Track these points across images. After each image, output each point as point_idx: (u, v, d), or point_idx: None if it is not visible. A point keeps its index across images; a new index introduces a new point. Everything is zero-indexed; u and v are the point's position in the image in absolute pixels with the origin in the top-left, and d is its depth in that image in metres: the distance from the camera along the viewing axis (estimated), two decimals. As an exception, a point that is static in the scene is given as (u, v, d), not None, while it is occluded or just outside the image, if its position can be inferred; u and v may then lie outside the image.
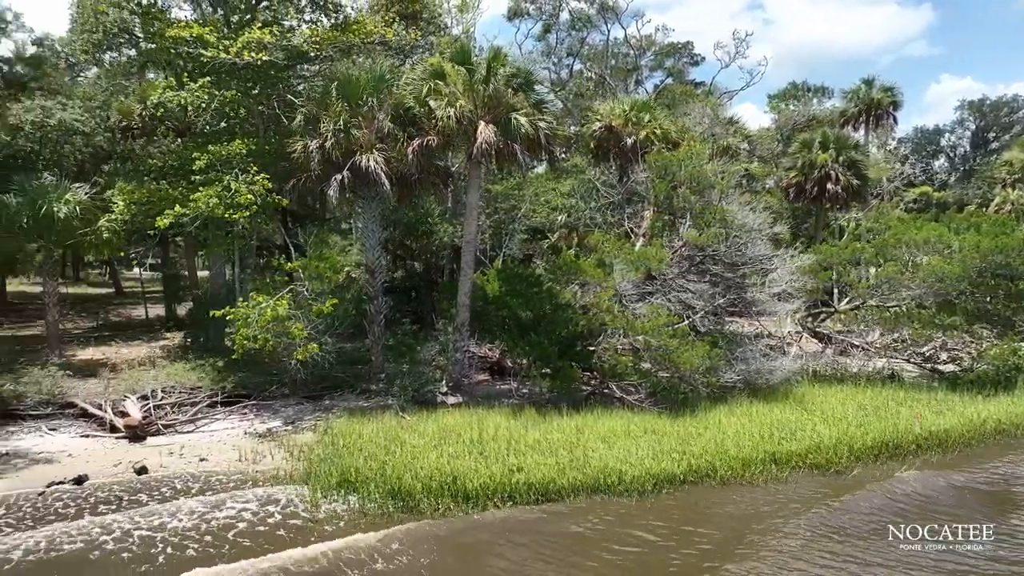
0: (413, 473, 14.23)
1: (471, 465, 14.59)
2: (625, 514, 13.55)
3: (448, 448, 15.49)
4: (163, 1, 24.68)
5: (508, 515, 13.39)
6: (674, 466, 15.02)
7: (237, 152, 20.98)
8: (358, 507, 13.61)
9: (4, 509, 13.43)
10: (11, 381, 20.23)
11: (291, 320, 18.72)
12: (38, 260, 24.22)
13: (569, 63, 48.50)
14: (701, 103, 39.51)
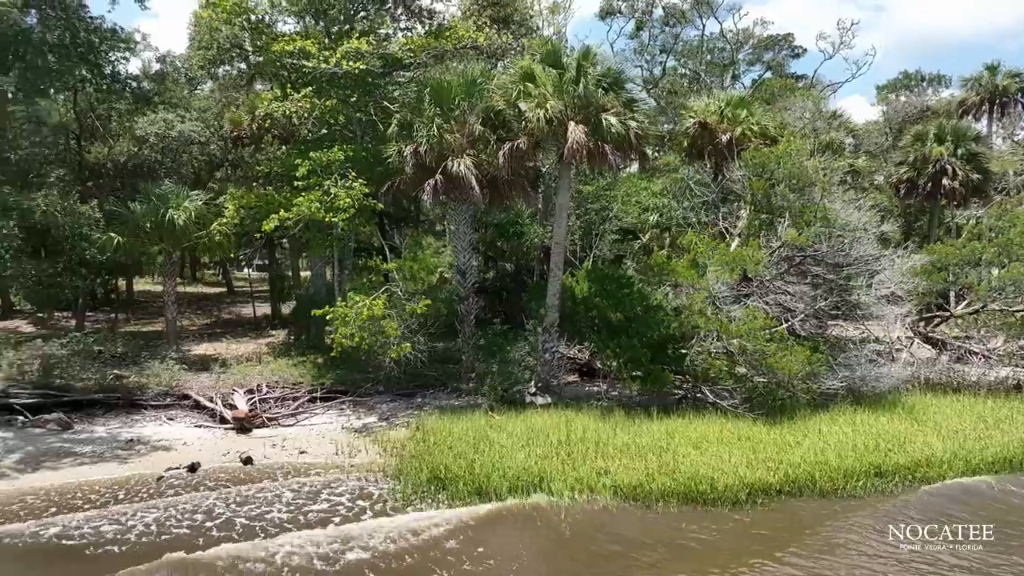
0: (501, 472, 14.39)
1: (558, 466, 14.61)
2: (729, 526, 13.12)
3: (535, 449, 15.56)
4: (270, 16, 26.02)
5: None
6: (770, 475, 14.46)
7: (336, 158, 21.87)
8: (447, 504, 13.87)
9: (126, 491, 14.58)
10: (136, 373, 21.99)
11: (386, 319, 19.33)
12: (159, 262, 26.12)
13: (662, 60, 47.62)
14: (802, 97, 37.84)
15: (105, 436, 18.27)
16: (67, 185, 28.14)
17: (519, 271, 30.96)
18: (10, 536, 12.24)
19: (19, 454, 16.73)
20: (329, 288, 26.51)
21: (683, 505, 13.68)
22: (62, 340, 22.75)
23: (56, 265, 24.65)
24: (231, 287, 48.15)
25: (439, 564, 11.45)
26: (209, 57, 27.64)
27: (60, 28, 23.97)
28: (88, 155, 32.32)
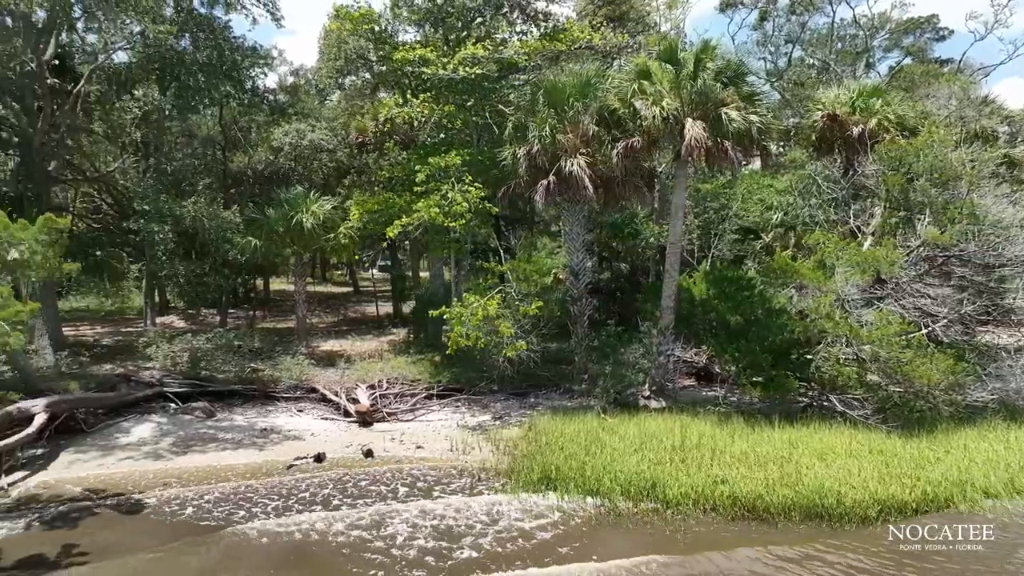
0: (612, 476, 14.25)
1: (671, 472, 14.26)
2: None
3: (649, 453, 15.27)
4: (392, 26, 27.15)
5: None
6: (904, 492, 13.41)
7: (453, 163, 22.48)
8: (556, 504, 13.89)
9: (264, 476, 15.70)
10: (270, 367, 23.62)
11: (500, 320, 19.65)
12: (291, 262, 27.90)
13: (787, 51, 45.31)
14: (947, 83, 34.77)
15: (243, 425, 19.75)
16: (213, 192, 30.67)
17: (634, 272, 30.50)
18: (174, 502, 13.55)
19: (172, 438, 18.43)
20: (447, 288, 27.28)
21: (806, 520, 12.96)
22: (208, 335, 24.79)
23: (203, 266, 26.94)
24: (356, 287, 50.62)
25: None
26: (337, 68, 29.29)
27: (208, 49, 26.19)
28: (231, 164, 35.08)
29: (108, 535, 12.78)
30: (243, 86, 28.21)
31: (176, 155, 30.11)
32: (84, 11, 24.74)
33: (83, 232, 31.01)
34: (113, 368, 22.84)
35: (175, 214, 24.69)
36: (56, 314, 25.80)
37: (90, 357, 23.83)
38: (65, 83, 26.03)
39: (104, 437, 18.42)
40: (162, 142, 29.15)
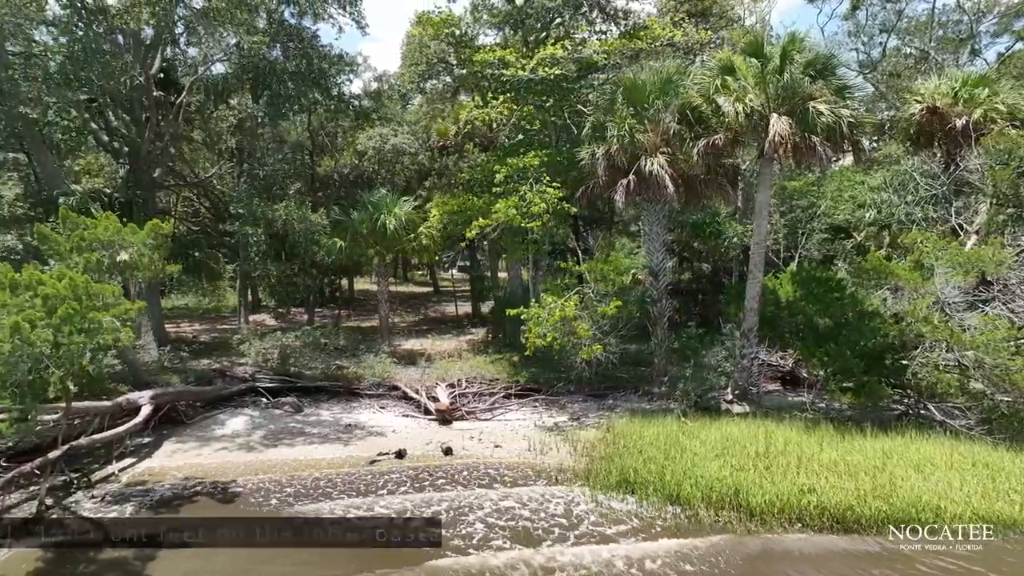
0: (693, 481, 13.96)
1: (755, 479, 13.82)
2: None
3: (731, 459, 14.86)
4: (472, 30, 27.52)
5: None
6: (1013, 510, 12.52)
7: (532, 163, 22.57)
8: (635, 509, 13.73)
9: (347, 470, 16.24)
10: (354, 365, 24.38)
11: (578, 320, 19.59)
12: (375, 263, 28.72)
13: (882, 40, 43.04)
14: (1065, 69, 32.21)
15: (329, 420, 20.48)
16: (302, 196, 31.95)
17: (716, 272, 29.77)
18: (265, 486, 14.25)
19: (263, 431, 19.32)
20: (525, 289, 27.42)
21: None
22: (296, 333, 25.84)
23: (293, 267, 28.10)
24: (437, 287, 51.56)
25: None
26: (419, 72, 29.90)
27: (298, 58, 27.31)
28: (318, 168, 36.44)
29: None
30: (330, 93, 29.25)
31: (268, 160, 31.52)
32: (186, 27, 26.26)
33: (183, 234, 32.91)
34: (210, 364, 24.14)
35: (267, 217, 25.85)
36: (159, 312, 27.50)
37: (189, 353, 25.29)
38: (169, 95, 27.73)
39: (202, 428, 19.50)
40: (255, 148, 30.60)
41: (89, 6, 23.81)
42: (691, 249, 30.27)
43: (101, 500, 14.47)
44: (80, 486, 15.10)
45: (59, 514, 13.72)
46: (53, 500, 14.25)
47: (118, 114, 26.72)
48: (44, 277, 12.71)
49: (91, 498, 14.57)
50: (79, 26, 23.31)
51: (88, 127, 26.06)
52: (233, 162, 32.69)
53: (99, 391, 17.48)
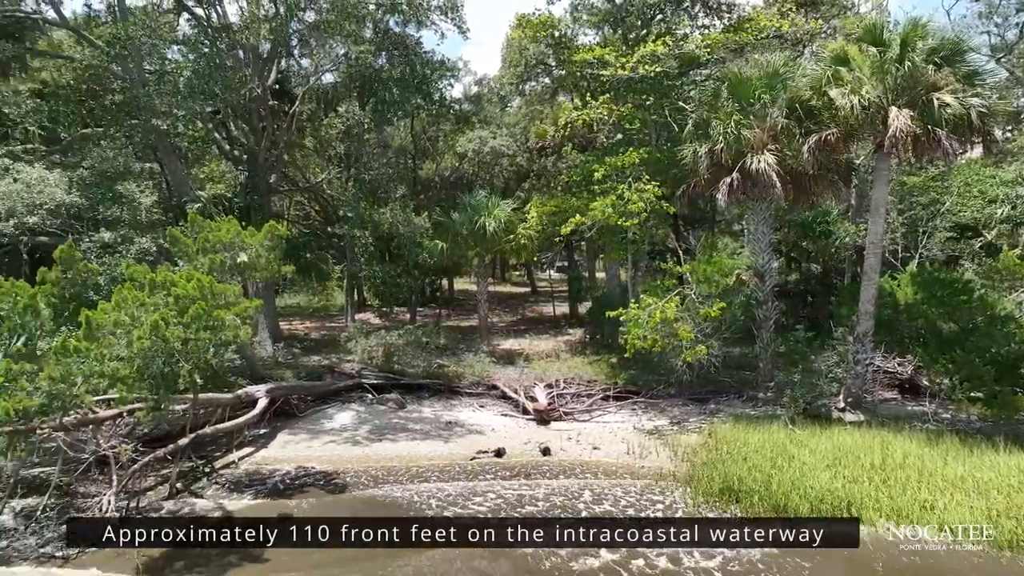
0: (801, 492, 13.36)
1: (871, 493, 13.07)
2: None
3: (844, 470, 14.11)
4: (572, 30, 27.50)
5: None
6: None
7: (631, 162, 22.31)
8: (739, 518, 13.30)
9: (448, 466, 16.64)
10: (454, 363, 24.91)
11: (679, 322, 19.19)
12: (474, 264, 29.25)
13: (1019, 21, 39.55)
14: None
15: (430, 417, 21.04)
16: (406, 199, 32.99)
17: (826, 273, 28.36)
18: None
19: (368, 426, 20.09)
20: (623, 289, 27.13)
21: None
22: (399, 331, 26.69)
23: (397, 267, 29.04)
24: (534, 287, 51.86)
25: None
26: (518, 75, 30.20)
27: (401, 65, 28.21)
28: (420, 171, 37.48)
29: (315, 508, 14.22)
30: (432, 98, 30.04)
31: (373, 165, 32.74)
32: (299, 40, 27.71)
33: (295, 237, 34.70)
34: (319, 360, 25.32)
35: (373, 220, 26.85)
36: (274, 310, 29.13)
37: (301, 349, 26.64)
38: (283, 105, 29.33)
39: (312, 422, 20.51)
40: (361, 153, 31.85)
41: (214, 24, 25.59)
42: (799, 249, 29.00)
43: (223, 486, 15.51)
44: (204, 472, 16.24)
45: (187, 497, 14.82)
46: (182, 484, 15.39)
47: (238, 124, 28.53)
48: (176, 278, 13.76)
49: (213, 484, 15.65)
50: (205, 43, 25.11)
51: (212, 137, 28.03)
52: (341, 167, 34.16)
53: (221, 384, 18.71)
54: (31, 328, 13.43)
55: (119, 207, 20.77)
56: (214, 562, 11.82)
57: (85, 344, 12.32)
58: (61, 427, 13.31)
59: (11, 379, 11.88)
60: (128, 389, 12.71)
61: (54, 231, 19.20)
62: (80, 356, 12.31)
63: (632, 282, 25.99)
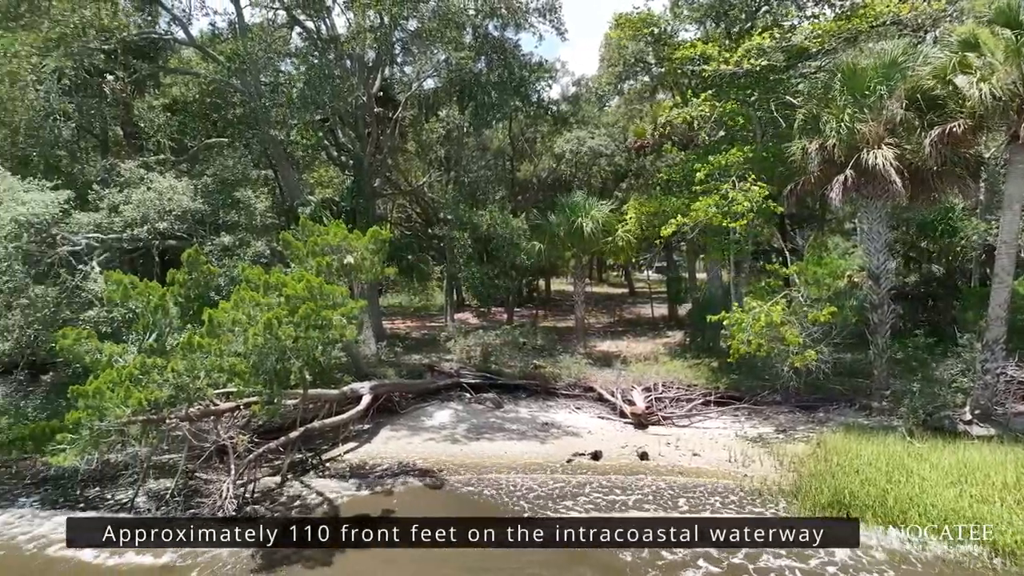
0: (921, 510, 12.51)
1: (1003, 515, 12.05)
2: None
3: (971, 488, 13.08)
4: (672, 27, 26.93)
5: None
6: None
7: (734, 160, 21.58)
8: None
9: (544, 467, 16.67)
10: (551, 364, 24.94)
11: (785, 326, 18.38)
12: (571, 265, 29.17)
13: None
14: None
15: (527, 417, 21.16)
16: (504, 200, 33.36)
17: (949, 274, 26.34)
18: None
19: (466, 424, 20.45)
20: (725, 291, 26.31)
21: None
22: (497, 331, 27.01)
23: (494, 268, 29.40)
24: (632, 288, 51.16)
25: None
26: (616, 74, 29.90)
27: (500, 68, 28.55)
28: (518, 173, 37.78)
29: (415, 503, 14.64)
30: (530, 100, 30.24)
31: (472, 167, 33.31)
32: (402, 48, 28.60)
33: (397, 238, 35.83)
34: (420, 359, 26.00)
35: (472, 222, 27.32)
36: (378, 310, 30.18)
37: (402, 348, 27.46)
38: (387, 111, 30.35)
39: (412, 419, 21.10)
40: (461, 156, 32.49)
41: (323, 36, 26.83)
42: (918, 249, 27.14)
43: (329, 478, 16.23)
44: (313, 464, 17.06)
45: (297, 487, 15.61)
46: (292, 474, 16.24)
47: (345, 131, 29.77)
48: (287, 279, 14.53)
49: (320, 476, 16.41)
50: (315, 55, 26.35)
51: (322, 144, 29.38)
52: (441, 170, 34.96)
53: (328, 381, 19.57)
54: (161, 325, 14.54)
55: (237, 212, 22.15)
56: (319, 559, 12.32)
57: (207, 341, 13.21)
58: (186, 417, 14.34)
59: (144, 372, 12.91)
60: (244, 383, 13.55)
61: (181, 235, 20.71)
62: (203, 352, 13.20)
63: (735, 284, 25.13)
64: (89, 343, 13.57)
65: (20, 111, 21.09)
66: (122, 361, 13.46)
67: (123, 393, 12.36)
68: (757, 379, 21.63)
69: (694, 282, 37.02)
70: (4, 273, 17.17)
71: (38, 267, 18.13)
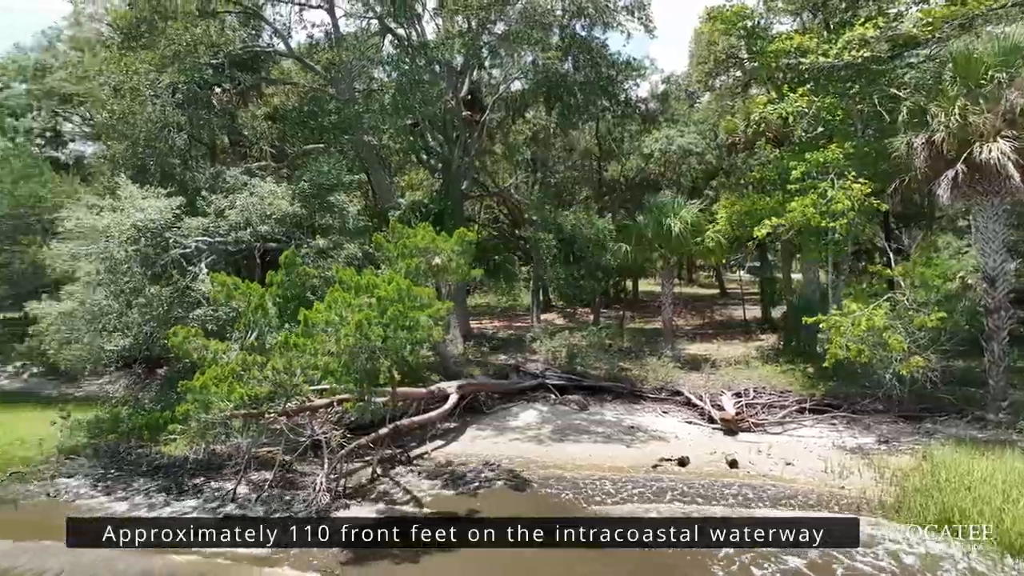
0: (1043, 533, 11.53)
1: None
2: None
3: (1101, 512, 11.96)
4: (766, 20, 25.97)
5: None
6: None
7: (834, 157, 20.59)
8: (958, 555, 11.76)
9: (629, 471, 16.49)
10: (637, 367, 24.62)
11: (888, 331, 17.36)
12: (659, 265, 28.64)
13: None
14: None
15: (612, 420, 20.96)
16: (589, 201, 33.19)
17: (1080, 277, 24.11)
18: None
19: (551, 426, 20.48)
20: (822, 293, 25.14)
21: None
22: (582, 333, 26.87)
23: (579, 269, 29.28)
24: (723, 289, 49.70)
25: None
26: (706, 70, 29.13)
27: (586, 68, 28.39)
28: (605, 173, 37.45)
29: (499, 503, 14.79)
30: (617, 99, 29.90)
31: (558, 168, 33.31)
32: (490, 51, 28.90)
33: (484, 239, 36.26)
34: (506, 359, 26.24)
35: (557, 223, 27.32)
36: (465, 310, 30.68)
37: (489, 348, 27.78)
38: (474, 114, 30.77)
39: (498, 419, 21.32)
40: (547, 157, 32.54)
41: (413, 43, 27.52)
42: (1042, 249, 24.98)
43: (417, 475, 16.65)
44: (401, 461, 17.54)
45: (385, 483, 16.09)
46: (381, 470, 16.76)
47: (434, 135, 30.41)
48: (377, 281, 15.00)
49: (408, 472, 16.85)
50: (406, 61, 27.05)
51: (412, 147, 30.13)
52: (528, 172, 35.13)
53: (416, 379, 20.08)
54: (261, 324, 15.33)
55: (331, 216, 23.04)
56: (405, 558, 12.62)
57: (302, 340, 13.82)
58: (284, 412, 15.08)
59: (245, 369, 13.66)
60: (337, 381, 14.10)
61: (280, 238, 21.75)
62: (298, 351, 13.83)
63: (833, 285, 23.96)
64: (196, 340, 14.45)
65: (140, 124, 22.72)
66: (226, 358, 14.27)
67: (226, 388, 13.11)
68: (857, 386, 20.58)
69: (789, 283, 35.59)
70: (124, 274, 18.59)
71: (153, 268, 19.48)
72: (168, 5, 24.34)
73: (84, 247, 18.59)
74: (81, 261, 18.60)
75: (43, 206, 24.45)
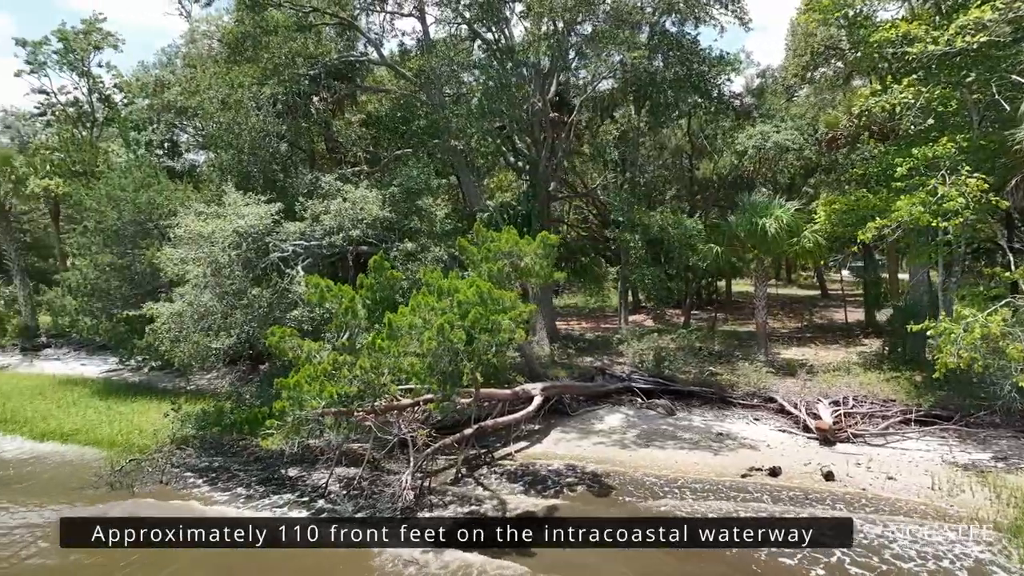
0: None
1: None
2: None
3: None
4: (868, 7, 24.49)
5: None
6: None
7: (945, 152, 19.18)
8: None
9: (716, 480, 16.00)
10: (728, 372, 23.84)
11: (1008, 340, 16.00)
12: (753, 267, 27.63)
13: None
14: None
15: (700, 426, 20.40)
16: (679, 202, 32.42)
17: None
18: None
19: (636, 430, 20.17)
20: (932, 297, 23.49)
21: None
22: (672, 335, 26.29)
23: (669, 270, 28.66)
24: (824, 290, 47.41)
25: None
26: (803, 63, 27.84)
27: (676, 65, 27.74)
28: (696, 172, 36.47)
29: (582, 506, 14.73)
30: (710, 95, 29.08)
31: (648, 168, 32.72)
32: (577, 52, 28.77)
33: (573, 240, 36.12)
34: (592, 361, 26.06)
35: (643, 223, 26.87)
36: (552, 311, 30.65)
37: (575, 350, 27.65)
38: (562, 115, 30.68)
39: (583, 422, 21.20)
40: (636, 157, 32.02)
41: (501, 47, 27.77)
42: None
43: (500, 475, 16.82)
44: (485, 461, 17.77)
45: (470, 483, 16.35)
46: (466, 469, 17.03)
47: (521, 137, 30.58)
48: (460, 284, 15.25)
49: (492, 472, 17.04)
50: (493, 66, 27.34)
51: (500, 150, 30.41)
52: (616, 172, 34.70)
53: (501, 380, 20.24)
54: (351, 326, 15.91)
55: (419, 219, 23.61)
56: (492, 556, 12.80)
57: (388, 342, 14.25)
58: (372, 411, 15.57)
59: (336, 368, 14.23)
60: (421, 382, 14.45)
61: (371, 241, 22.49)
62: (385, 352, 14.27)
63: (944, 288, 22.31)
64: (291, 340, 15.19)
65: (244, 134, 24.10)
66: (319, 357, 14.91)
67: (318, 387, 13.71)
68: (971, 397, 19.10)
69: (896, 284, 33.51)
70: (228, 277, 19.76)
71: (255, 271, 20.61)
72: (270, 20, 25.70)
73: (192, 252, 19.90)
74: (189, 265, 19.93)
75: (160, 212, 26.33)
